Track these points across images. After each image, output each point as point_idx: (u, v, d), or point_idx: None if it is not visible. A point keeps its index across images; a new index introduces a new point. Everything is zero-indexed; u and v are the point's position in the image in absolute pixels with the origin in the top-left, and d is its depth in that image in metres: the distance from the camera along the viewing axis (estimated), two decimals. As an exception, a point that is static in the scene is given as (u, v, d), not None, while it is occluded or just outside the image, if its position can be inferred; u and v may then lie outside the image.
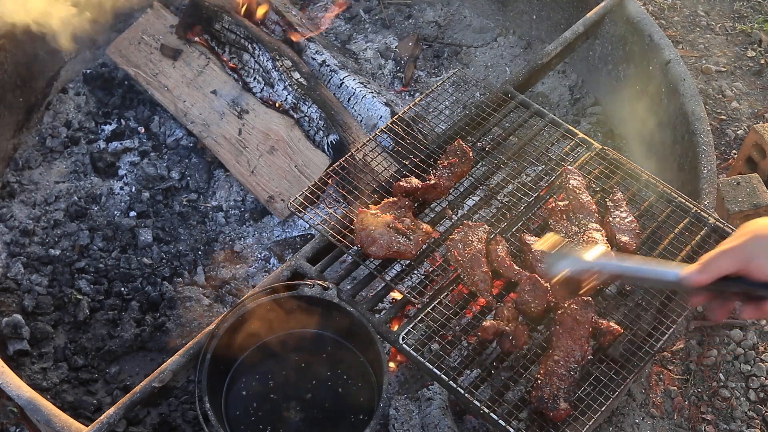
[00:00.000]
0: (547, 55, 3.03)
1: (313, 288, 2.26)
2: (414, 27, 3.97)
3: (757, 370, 2.90)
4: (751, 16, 4.15)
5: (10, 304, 2.88)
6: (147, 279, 2.98)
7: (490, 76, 3.76)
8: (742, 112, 3.71)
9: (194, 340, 2.24)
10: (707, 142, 2.78)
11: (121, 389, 2.71)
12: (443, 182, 2.46)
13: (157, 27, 3.52)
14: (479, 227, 2.35)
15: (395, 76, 3.69)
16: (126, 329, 2.84)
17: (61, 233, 3.11)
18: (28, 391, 2.23)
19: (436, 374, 2.10)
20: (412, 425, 2.48)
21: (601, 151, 2.60)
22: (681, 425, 2.78)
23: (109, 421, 2.09)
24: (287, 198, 3.07)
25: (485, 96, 2.81)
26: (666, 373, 2.88)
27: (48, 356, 2.77)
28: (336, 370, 2.29)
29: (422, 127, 2.91)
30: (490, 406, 2.03)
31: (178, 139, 3.43)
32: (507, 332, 2.12)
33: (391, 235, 2.30)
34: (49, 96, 3.55)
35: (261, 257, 3.09)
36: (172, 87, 3.42)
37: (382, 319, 2.25)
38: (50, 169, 3.35)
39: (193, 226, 3.19)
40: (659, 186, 2.48)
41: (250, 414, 2.22)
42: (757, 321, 3.01)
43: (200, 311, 2.87)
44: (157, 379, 2.15)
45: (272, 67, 3.26)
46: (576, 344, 2.09)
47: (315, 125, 3.16)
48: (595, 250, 1.94)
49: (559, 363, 2.07)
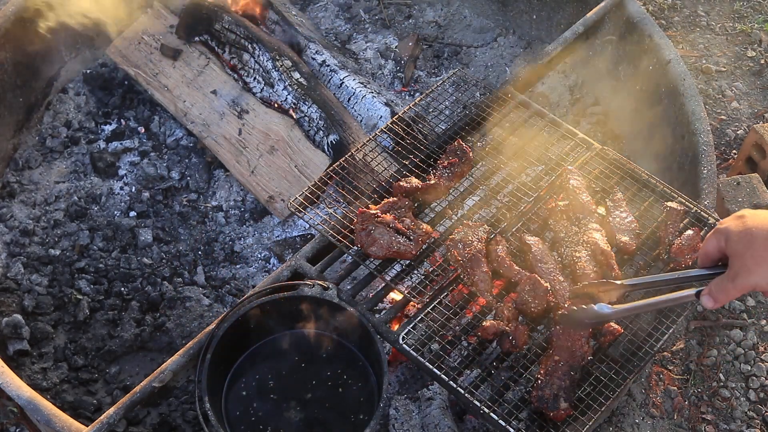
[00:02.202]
0: (547, 55, 3.03)
1: (313, 288, 2.26)
2: (414, 27, 3.97)
3: (757, 370, 2.90)
4: (751, 16, 4.15)
5: (10, 304, 2.88)
6: (147, 279, 2.98)
7: (490, 76, 3.76)
8: (742, 112, 3.71)
9: (194, 340, 2.24)
10: (707, 142, 2.78)
11: (121, 389, 2.71)
12: (443, 182, 2.46)
13: (157, 27, 3.52)
14: (479, 227, 2.35)
15: (395, 76, 3.69)
16: (126, 329, 2.84)
17: (61, 233, 3.11)
18: (28, 391, 2.23)
19: (436, 374, 2.10)
20: (412, 425, 2.48)
21: (601, 151, 2.60)
22: (681, 425, 2.78)
23: (109, 421, 2.09)
24: (287, 198, 3.07)
25: (485, 96, 2.81)
26: (666, 373, 2.88)
27: (48, 356, 2.77)
28: (336, 370, 2.29)
29: (422, 127, 2.91)
30: (490, 406, 2.03)
31: (178, 139, 3.43)
32: (507, 332, 2.12)
33: (391, 235, 2.30)
34: (49, 96, 3.55)
35: (261, 257, 3.09)
36: (172, 87, 3.42)
37: (382, 319, 2.25)
38: (50, 169, 3.35)
39: (193, 226, 3.19)
40: (659, 186, 2.48)
41: (250, 414, 2.22)
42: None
43: (200, 311, 2.87)
44: (157, 379, 2.15)
45: (272, 67, 3.26)
46: (576, 344, 2.09)
47: (315, 125, 3.16)
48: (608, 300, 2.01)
49: (559, 363, 2.07)
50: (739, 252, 1.67)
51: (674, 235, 2.31)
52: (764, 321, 3.04)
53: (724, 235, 1.71)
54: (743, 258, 1.66)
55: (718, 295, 1.73)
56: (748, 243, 1.65)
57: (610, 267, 2.21)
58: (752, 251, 1.64)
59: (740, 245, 1.67)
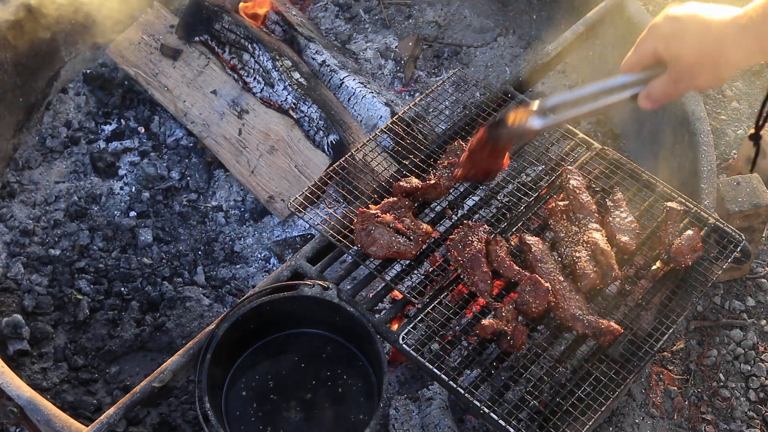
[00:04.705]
0: (547, 55, 3.02)
1: (313, 288, 2.26)
2: (414, 27, 3.97)
3: (757, 370, 2.90)
4: (751, 16, 4.15)
5: (10, 304, 2.88)
6: (147, 279, 2.98)
7: (490, 76, 3.76)
8: (742, 112, 3.71)
9: (194, 340, 2.24)
10: (707, 142, 2.78)
11: (121, 389, 2.71)
12: (443, 182, 2.46)
13: (157, 27, 3.52)
14: (479, 227, 2.35)
15: (395, 76, 3.69)
16: (126, 329, 2.84)
17: (61, 233, 3.11)
18: (28, 391, 2.23)
19: (436, 374, 2.10)
20: (412, 425, 2.48)
21: (601, 151, 2.60)
22: (681, 425, 2.78)
23: (109, 421, 2.09)
24: (287, 198, 3.07)
25: (485, 96, 2.81)
26: (666, 373, 2.88)
27: (48, 356, 2.77)
28: (336, 370, 2.29)
29: (422, 127, 2.91)
30: (490, 406, 2.03)
31: (178, 139, 3.43)
32: (505, 332, 2.12)
33: (391, 235, 2.30)
34: (49, 96, 3.55)
35: (261, 257, 3.09)
36: (172, 87, 3.42)
37: (382, 319, 2.25)
38: (50, 169, 3.35)
39: (193, 226, 3.19)
40: (659, 186, 2.48)
41: (250, 414, 2.22)
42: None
43: (200, 311, 2.87)
44: (157, 379, 2.15)
45: (272, 67, 3.26)
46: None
47: (315, 125, 3.16)
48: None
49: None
50: (681, 57, 1.68)
51: (674, 235, 2.32)
52: (764, 321, 3.04)
53: (661, 40, 1.71)
54: (686, 64, 1.67)
55: (659, 97, 1.75)
56: (692, 49, 1.66)
57: (610, 267, 2.21)
58: (696, 57, 1.65)
59: (684, 51, 1.67)
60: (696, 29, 1.66)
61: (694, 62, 1.67)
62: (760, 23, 1.58)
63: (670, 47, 1.70)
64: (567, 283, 2.22)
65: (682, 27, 1.68)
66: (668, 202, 2.41)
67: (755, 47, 1.61)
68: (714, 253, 2.32)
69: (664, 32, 1.71)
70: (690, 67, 1.68)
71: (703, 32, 1.65)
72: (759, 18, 1.58)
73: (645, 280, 2.26)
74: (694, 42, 1.66)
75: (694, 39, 1.66)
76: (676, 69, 1.70)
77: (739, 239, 2.35)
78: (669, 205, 2.38)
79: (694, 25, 1.66)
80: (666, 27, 1.72)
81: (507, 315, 2.16)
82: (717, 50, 1.63)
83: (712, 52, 1.64)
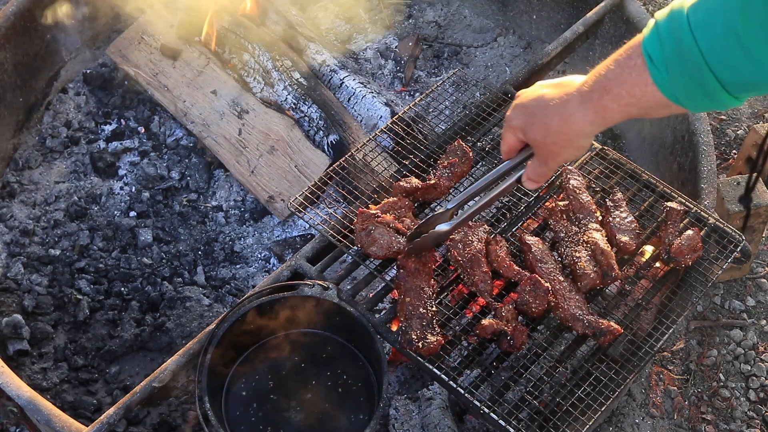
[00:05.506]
0: (547, 55, 3.03)
1: (313, 288, 2.26)
2: (414, 27, 3.97)
3: (757, 370, 2.90)
4: (751, 16, 4.15)
5: (10, 304, 2.88)
6: (147, 279, 2.98)
7: (490, 76, 3.76)
8: (742, 112, 3.71)
9: (194, 340, 2.24)
10: (707, 142, 2.79)
11: (121, 389, 2.71)
12: (443, 182, 2.46)
13: (157, 27, 3.52)
14: (479, 227, 2.35)
15: (395, 76, 3.69)
16: (126, 329, 2.84)
17: (61, 233, 3.11)
18: (28, 391, 2.23)
19: (436, 374, 2.10)
20: (412, 425, 2.48)
21: (601, 151, 2.60)
22: (681, 425, 2.78)
23: (109, 421, 2.09)
24: (287, 198, 3.07)
25: (485, 96, 2.81)
26: (666, 373, 2.89)
27: (48, 356, 2.77)
28: (336, 370, 2.29)
29: (422, 127, 2.91)
30: (490, 406, 2.03)
31: (178, 139, 3.43)
32: (505, 332, 2.12)
33: (391, 235, 2.30)
34: (49, 96, 3.55)
35: (261, 257, 3.09)
36: (172, 87, 3.42)
37: (382, 319, 2.25)
38: (50, 169, 3.35)
39: (193, 226, 3.19)
40: (659, 186, 2.48)
41: (250, 414, 2.22)
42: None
43: (200, 311, 2.87)
44: (157, 379, 2.15)
45: (272, 67, 3.26)
46: (423, 282, 2.19)
47: (315, 125, 3.16)
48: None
49: (414, 304, 2.14)
50: (538, 141, 1.76)
51: (674, 235, 2.32)
52: (764, 321, 3.04)
53: (518, 129, 1.79)
54: (545, 145, 1.74)
55: (537, 178, 1.85)
56: (543, 132, 1.72)
57: (610, 267, 2.21)
58: (550, 138, 1.71)
59: (537, 135, 1.74)
60: (541, 113, 1.71)
61: (550, 143, 1.73)
62: (596, 98, 1.59)
63: (526, 135, 1.78)
64: (567, 283, 2.22)
65: (529, 113, 1.74)
66: (668, 202, 2.41)
67: (597, 120, 1.62)
68: (714, 253, 2.33)
69: (518, 123, 1.79)
70: (547, 147, 1.74)
71: (549, 114, 1.69)
72: (590, 91, 1.60)
73: (645, 280, 2.27)
74: (541, 125, 1.72)
75: (541, 122, 1.71)
76: (538, 152, 1.79)
77: (739, 239, 2.35)
78: (669, 205, 2.38)
79: (539, 109, 1.71)
80: (517, 117, 1.79)
81: (507, 315, 2.16)
82: (565, 127, 1.68)
83: (561, 130, 1.69)
